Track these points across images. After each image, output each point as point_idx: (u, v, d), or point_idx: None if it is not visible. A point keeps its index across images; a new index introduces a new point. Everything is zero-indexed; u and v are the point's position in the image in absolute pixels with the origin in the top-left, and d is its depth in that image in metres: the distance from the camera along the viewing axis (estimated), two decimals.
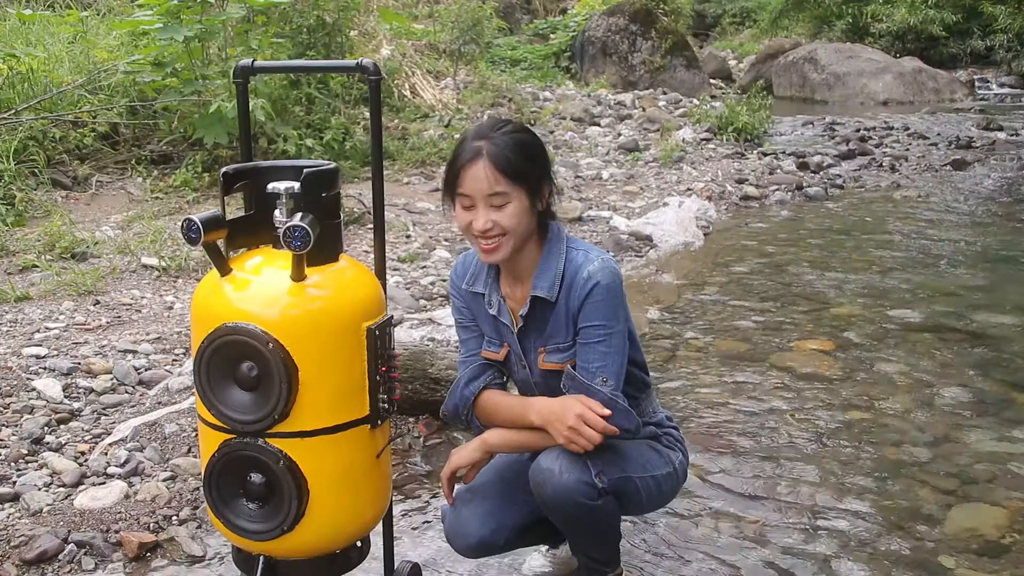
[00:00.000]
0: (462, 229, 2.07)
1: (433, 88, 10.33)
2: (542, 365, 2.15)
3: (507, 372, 2.26)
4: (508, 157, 1.99)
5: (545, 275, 2.10)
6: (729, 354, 4.23)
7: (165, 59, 6.60)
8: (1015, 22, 17.00)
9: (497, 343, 2.22)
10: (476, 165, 1.99)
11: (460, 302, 2.26)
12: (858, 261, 5.95)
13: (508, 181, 1.99)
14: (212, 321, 1.78)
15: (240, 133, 2.12)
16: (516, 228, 2.03)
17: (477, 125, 2.12)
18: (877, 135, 11.31)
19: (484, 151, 1.99)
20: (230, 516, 1.86)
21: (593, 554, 2.24)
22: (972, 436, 3.37)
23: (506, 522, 2.16)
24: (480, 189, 1.99)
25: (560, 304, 2.09)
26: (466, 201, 2.02)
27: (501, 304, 2.17)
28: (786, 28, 21.50)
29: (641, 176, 8.43)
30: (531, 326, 2.15)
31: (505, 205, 2.00)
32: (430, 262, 5.43)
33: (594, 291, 2.05)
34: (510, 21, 17.21)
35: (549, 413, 2.05)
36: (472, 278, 2.22)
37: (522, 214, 2.03)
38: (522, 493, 2.18)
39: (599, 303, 2.06)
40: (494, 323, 2.21)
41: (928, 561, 2.58)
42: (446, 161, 2.07)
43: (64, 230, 5.24)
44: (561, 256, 2.10)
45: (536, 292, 2.10)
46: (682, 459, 2.32)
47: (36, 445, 3.05)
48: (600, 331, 2.06)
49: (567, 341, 2.11)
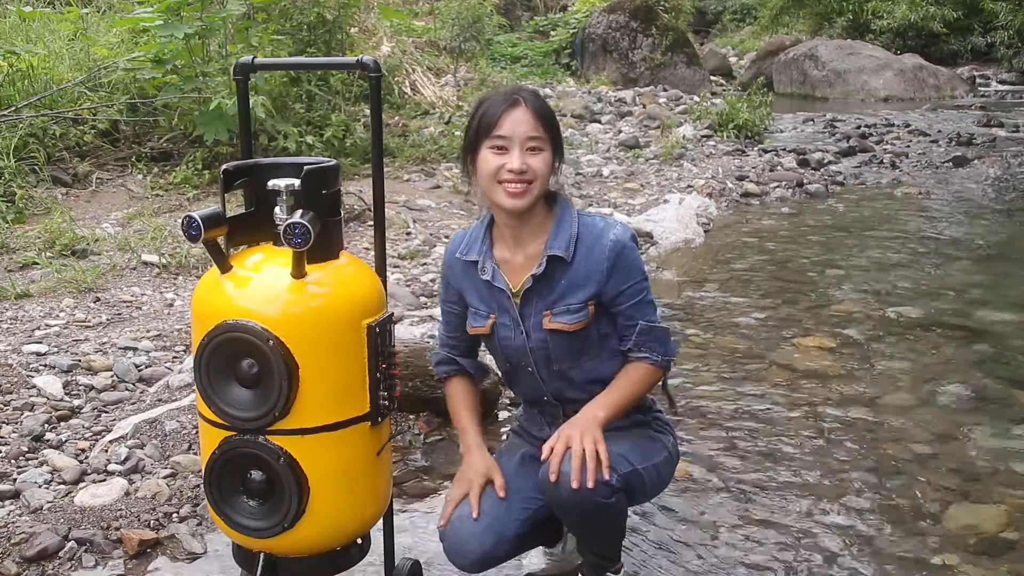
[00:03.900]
0: (488, 177, 2.10)
1: (433, 85, 10.33)
2: (547, 325, 2.16)
3: (493, 345, 2.27)
4: (545, 109, 2.12)
5: (560, 236, 2.16)
6: (730, 351, 4.23)
7: (165, 56, 6.58)
8: (1016, 19, 17.01)
9: (483, 315, 2.24)
10: (518, 110, 2.07)
11: (450, 276, 2.30)
12: (859, 258, 5.94)
13: (544, 130, 2.09)
14: (212, 318, 1.77)
15: (240, 130, 2.12)
16: (544, 178, 2.11)
17: (497, 89, 2.23)
18: (878, 132, 11.31)
19: (523, 99, 2.09)
20: (230, 513, 1.86)
21: (600, 551, 2.25)
22: (973, 433, 3.37)
23: (506, 534, 2.16)
24: (521, 132, 2.07)
25: (578, 265, 2.14)
26: (501, 143, 2.07)
27: (495, 270, 2.20)
28: (787, 25, 21.51)
29: (642, 173, 8.42)
30: (537, 289, 2.17)
31: (539, 152, 2.09)
32: (430, 259, 5.42)
33: (625, 252, 2.15)
34: (510, 18, 17.21)
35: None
36: (466, 247, 2.25)
37: (549, 167, 2.12)
38: (518, 502, 2.19)
39: (633, 261, 2.17)
40: (486, 290, 2.22)
41: (929, 558, 2.58)
42: (473, 118, 2.14)
43: (64, 227, 5.24)
44: (574, 221, 2.17)
45: (553, 251, 2.14)
46: (673, 441, 2.37)
47: (36, 442, 3.05)
48: (642, 285, 2.19)
49: (579, 303, 2.15)
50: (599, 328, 2.19)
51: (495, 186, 2.09)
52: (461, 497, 2.18)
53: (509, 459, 2.34)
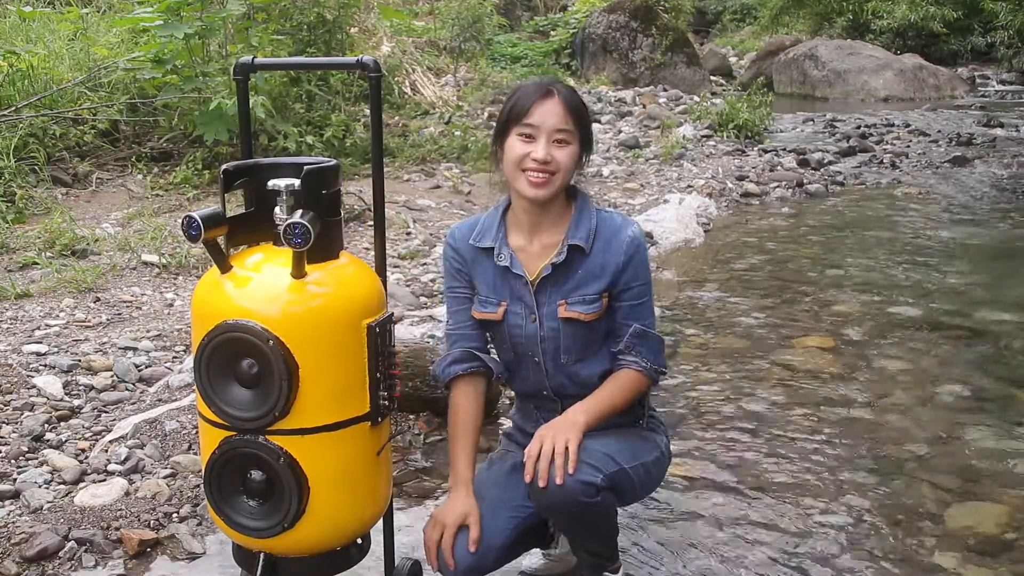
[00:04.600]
0: (512, 164, 2.12)
1: (433, 85, 10.34)
2: (563, 314, 2.17)
3: (501, 333, 2.25)
4: (577, 103, 2.14)
5: (581, 227, 2.18)
6: (729, 351, 4.23)
7: (165, 56, 6.59)
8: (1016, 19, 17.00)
9: (493, 302, 2.23)
10: (550, 100, 2.09)
11: (458, 263, 2.27)
12: (859, 258, 5.94)
13: (574, 124, 2.11)
14: (212, 318, 1.77)
15: (240, 130, 2.12)
16: (567, 171, 2.12)
17: (535, 79, 2.26)
18: (878, 132, 11.30)
19: (556, 91, 2.11)
20: (230, 513, 1.86)
21: (593, 549, 2.24)
22: (973, 433, 3.37)
23: (493, 543, 2.15)
24: (551, 123, 2.08)
25: (595, 257, 2.17)
26: (529, 132, 2.09)
27: (513, 256, 2.20)
28: (787, 25, 21.50)
29: (642, 173, 8.42)
30: (553, 277, 2.18)
31: (566, 145, 2.11)
32: (430, 259, 5.42)
33: (640, 250, 2.19)
34: (510, 18, 17.20)
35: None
36: (480, 234, 2.25)
37: (574, 161, 2.14)
38: (507, 511, 2.18)
39: (644, 262, 2.21)
40: (499, 278, 2.22)
41: (929, 559, 2.58)
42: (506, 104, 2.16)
43: (64, 227, 5.24)
44: (592, 214, 2.21)
45: (573, 240, 2.16)
46: (666, 440, 2.36)
47: (36, 442, 3.05)
48: (646, 288, 2.22)
49: (595, 294, 2.17)
50: (608, 323, 2.21)
51: (518, 173, 2.11)
52: (437, 540, 2.14)
53: (500, 467, 2.33)
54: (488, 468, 2.35)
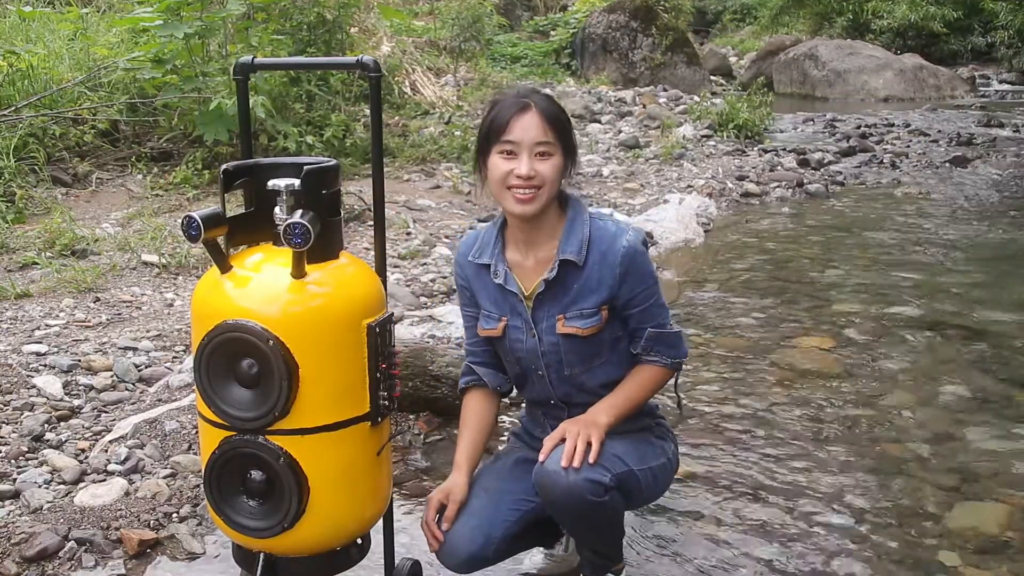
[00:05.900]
0: (497, 182, 2.10)
1: (433, 85, 10.34)
2: (561, 330, 2.16)
3: (504, 348, 2.26)
4: (556, 113, 2.11)
5: (572, 240, 2.15)
6: (730, 351, 4.23)
7: (165, 56, 6.59)
8: (1016, 19, 17.01)
9: (495, 317, 2.23)
10: (527, 114, 2.07)
11: (463, 280, 2.29)
12: (859, 258, 5.94)
13: (555, 135, 2.09)
14: (212, 318, 1.77)
15: (240, 130, 2.12)
16: (553, 183, 2.10)
17: (512, 90, 2.20)
18: (878, 132, 11.31)
19: (534, 104, 2.08)
20: (230, 513, 1.86)
21: (599, 549, 2.25)
22: (973, 433, 3.37)
23: (494, 534, 2.16)
24: (530, 137, 2.06)
25: (590, 269, 2.14)
26: (510, 148, 2.07)
27: (507, 273, 2.20)
28: (787, 25, 21.53)
29: (642, 173, 8.42)
30: (549, 293, 2.17)
31: (548, 158, 2.08)
32: (430, 259, 5.42)
33: (636, 258, 2.15)
34: (510, 18, 17.21)
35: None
36: (479, 250, 2.25)
37: (558, 172, 2.11)
38: (508, 503, 2.19)
39: (644, 266, 2.17)
40: (499, 293, 2.22)
41: (929, 558, 2.58)
42: (485, 121, 2.14)
43: (64, 227, 5.24)
44: (586, 224, 2.17)
45: (565, 255, 2.14)
46: (673, 448, 2.36)
47: (36, 442, 3.05)
48: (652, 289, 2.19)
49: (592, 307, 2.15)
50: (611, 332, 2.20)
51: (504, 191, 2.10)
52: (434, 515, 2.18)
53: (505, 461, 2.34)
54: (493, 462, 2.36)
